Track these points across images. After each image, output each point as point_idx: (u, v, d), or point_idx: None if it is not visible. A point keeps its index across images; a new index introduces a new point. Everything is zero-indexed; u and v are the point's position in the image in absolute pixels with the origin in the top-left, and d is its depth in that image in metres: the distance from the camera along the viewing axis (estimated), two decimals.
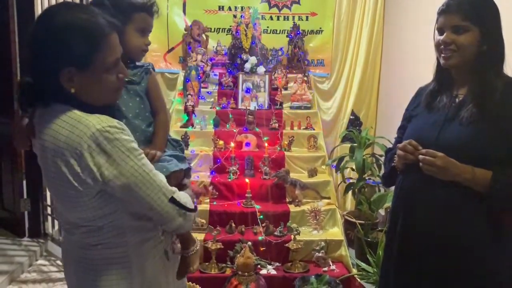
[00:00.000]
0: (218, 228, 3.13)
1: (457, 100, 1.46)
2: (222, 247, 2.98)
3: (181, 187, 1.33)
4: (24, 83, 1.11)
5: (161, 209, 1.10)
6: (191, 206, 1.18)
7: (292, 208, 3.38)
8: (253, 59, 4.21)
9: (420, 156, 1.38)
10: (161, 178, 1.12)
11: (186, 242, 1.34)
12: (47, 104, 1.08)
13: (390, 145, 2.02)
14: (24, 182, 3.52)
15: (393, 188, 1.66)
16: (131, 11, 1.32)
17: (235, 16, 4.40)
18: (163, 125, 1.30)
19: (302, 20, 4.53)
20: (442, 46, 1.42)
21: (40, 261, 3.32)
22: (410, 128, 1.56)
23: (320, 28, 4.55)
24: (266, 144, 3.76)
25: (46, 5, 3.50)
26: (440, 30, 1.44)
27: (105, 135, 1.02)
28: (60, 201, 1.12)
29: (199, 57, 4.26)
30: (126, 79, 1.21)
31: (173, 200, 1.11)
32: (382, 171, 1.97)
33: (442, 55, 1.43)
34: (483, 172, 1.33)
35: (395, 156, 1.52)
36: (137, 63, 1.38)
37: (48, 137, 1.05)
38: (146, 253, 1.19)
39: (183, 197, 1.16)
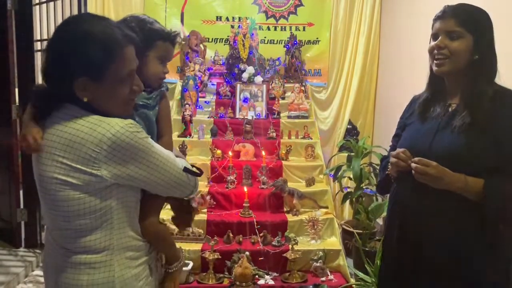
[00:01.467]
0: (215, 238, 3.12)
1: (450, 109, 1.47)
2: (220, 257, 2.96)
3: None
4: (41, 90, 1.13)
5: (180, 180, 1.19)
6: (194, 170, 1.25)
7: (290, 217, 3.37)
8: (250, 69, 4.24)
9: (413, 165, 1.38)
10: (171, 156, 1.19)
11: (170, 258, 1.34)
12: (60, 107, 1.10)
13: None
14: (21, 192, 3.51)
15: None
16: (156, 38, 1.33)
17: (232, 27, 4.43)
18: (166, 147, 1.30)
19: (299, 30, 4.57)
20: (436, 51, 1.43)
21: (36, 272, 3.29)
22: (404, 137, 1.57)
23: (317, 38, 4.58)
24: (263, 154, 3.76)
25: (44, 14, 3.52)
26: (435, 36, 1.46)
27: (126, 134, 1.05)
28: (52, 207, 1.11)
29: (197, 67, 4.28)
30: (141, 103, 1.26)
31: (186, 169, 1.21)
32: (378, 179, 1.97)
33: (435, 61, 1.44)
34: (475, 181, 1.34)
35: (389, 164, 1.52)
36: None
37: (62, 133, 1.06)
38: (130, 269, 1.17)
39: (186, 163, 1.24)
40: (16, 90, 3.41)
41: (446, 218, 1.39)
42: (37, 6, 3.50)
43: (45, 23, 3.50)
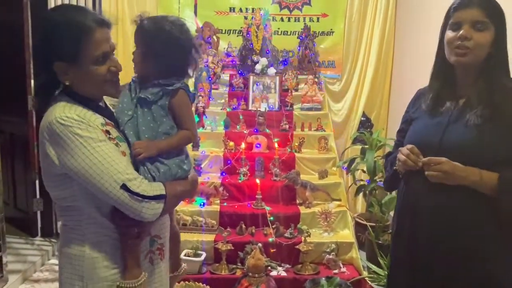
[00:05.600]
0: (228, 229, 3.13)
1: (460, 102, 1.42)
2: (233, 248, 2.98)
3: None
4: (38, 83, 1.22)
5: (113, 195, 1.12)
6: (152, 193, 1.16)
7: (302, 209, 3.37)
8: (263, 61, 4.21)
9: (424, 166, 1.35)
10: (119, 165, 1.13)
11: (125, 270, 1.22)
12: (54, 99, 1.20)
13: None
14: (37, 181, 3.56)
15: None
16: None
17: (246, 18, 4.40)
18: (177, 136, 1.25)
19: (313, 21, 4.52)
20: (458, 42, 1.35)
21: (52, 261, 3.36)
22: (412, 131, 1.52)
23: (331, 29, 4.53)
24: (276, 146, 3.75)
25: None
26: (456, 25, 1.38)
27: (59, 124, 1.11)
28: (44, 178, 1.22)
29: (210, 58, 4.27)
30: (142, 96, 1.24)
31: (124, 187, 1.12)
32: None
33: (457, 50, 1.36)
34: (489, 174, 1.30)
35: (397, 160, 1.47)
36: (161, 81, 1.27)
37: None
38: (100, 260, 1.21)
39: (145, 185, 1.15)
40: (32, 82, 3.45)
41: (461, 217, 1.35)
42: None
43: None
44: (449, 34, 1.40)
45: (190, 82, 4.30)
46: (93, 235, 1.20)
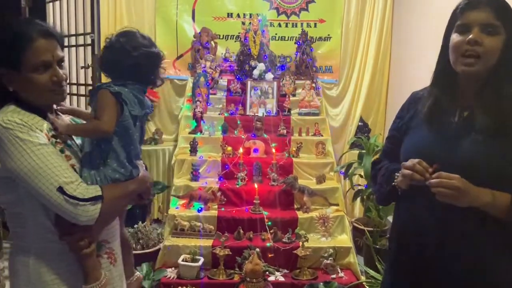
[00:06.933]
0: (226, 234, 3.13)
1: (464, 112, 1.27)
2: (230, 253, 2.98)
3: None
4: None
5: (50, 198, 1.15)
6: (88, 196, 1.18)
7: (300, 214, 3.37)
8: (261, 66, 4.23)
9: (434, 180, 1.17)
10: (57, 168, 1.17)
11: (85, 276, 1.25)
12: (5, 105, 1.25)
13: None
14: None
15: None
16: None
17: (243, 23, 4.43)
18: (88, 123, 1.36)
19: (310, 27, 4.55)
20: (467, 47, 1.20)
21: None
22: (410, 143, 1.36)
23: (329, 35, 4.56)
24: (274, 151, 3.76)
25: (58, 11, 3.56)
26: (464, 28, 1.22)
27: (1, 127, 1.15)
28: None
29: (208, 63, 4.29)
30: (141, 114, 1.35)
31: (61, 190, 1.15)
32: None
33: (465, 59, 1.21)
34: (502, 195, 1.17)
35: (396, 174, 1.31)
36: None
37: None
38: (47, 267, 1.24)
39: (82, 188, 1.18)
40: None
41: (472, 241, 1.22)
42: (51, 3, 3.53)
43: (58, 20, 3.54)
44: (456, 38, 1.24)
45: (188, 87, 4.32)
46: (40, 241, 1.23)
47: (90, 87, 3.15)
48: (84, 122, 1.39)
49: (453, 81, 1.30)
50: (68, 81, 1.32)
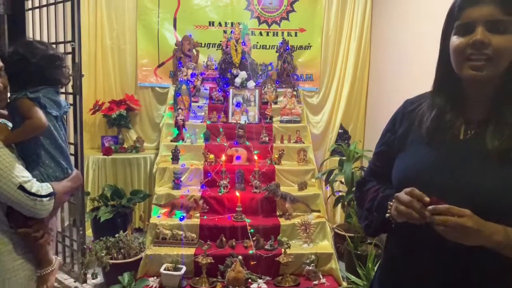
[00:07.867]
0: (208, 242, 3.13)
1: (472, 126, 1.05)
2: (213, 261, 2.98)
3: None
4: None
5: (11, 195, 1.30)
6: (44, 193, 1.36)
7: (282, 221, 3.40)
8: (243, 74, 4.27)
9: (439, 217, 0.93)
10: (15, 169, 1.31)
11: (40, 262, 1.45)
12: None
13: None
14: None
15: None
16: None
17: (225, 32, 4.46)
18: (23, 125, 1.45)
19: (291, 36, 4.61)
20: (472, 50, 0.99)
21: None
22: (406, 164, 1.11)
23: (309, 43, 4.63)
24: (256, 158, 3.79)
25: (37, 19, 3.52)
26: (466, 28, 1.01)
27: None
28: None
29: (190, 71, 4.30)
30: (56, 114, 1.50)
31: (22, 188, 1.31)
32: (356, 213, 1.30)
33: (472, 63, 0.99)
34: None
35: (390, 204, 1.06)
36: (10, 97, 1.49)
37: None
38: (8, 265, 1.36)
39: (37, 185, 1.35)
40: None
41: (482, 280, 1.01)
42: (30, 11, 3.49)
43: (38, 28, 3.50)
44: (457, 40, 1.02)
45: (170, 95, 4.32)
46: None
47: (71, 95, 3.12)
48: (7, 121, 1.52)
49: (457, 90, 1.07)
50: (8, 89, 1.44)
